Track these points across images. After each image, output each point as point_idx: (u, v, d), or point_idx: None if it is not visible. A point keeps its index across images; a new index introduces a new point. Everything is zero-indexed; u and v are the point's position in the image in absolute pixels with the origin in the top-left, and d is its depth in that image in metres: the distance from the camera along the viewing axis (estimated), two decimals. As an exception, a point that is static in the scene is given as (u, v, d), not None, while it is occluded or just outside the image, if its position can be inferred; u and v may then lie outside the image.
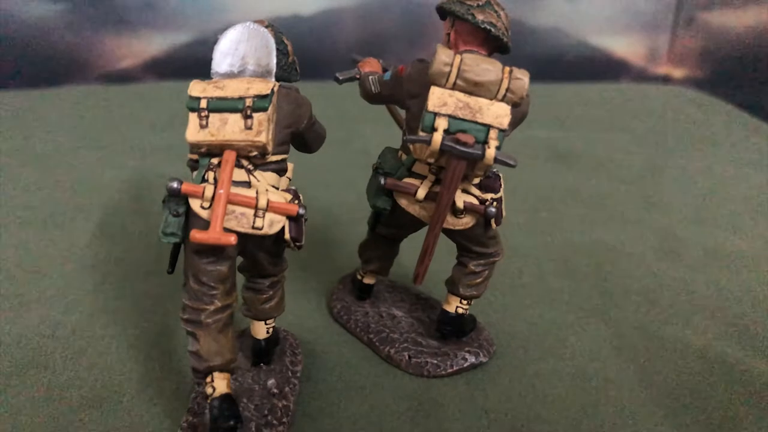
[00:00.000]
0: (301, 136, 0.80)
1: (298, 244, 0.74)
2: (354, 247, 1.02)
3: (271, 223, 0.72)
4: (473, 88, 0.74)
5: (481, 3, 0.78)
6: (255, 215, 0.71)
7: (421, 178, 0.82)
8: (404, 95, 0.81)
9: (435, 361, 0.90)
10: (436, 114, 0.73)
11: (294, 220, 0.73)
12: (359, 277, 1.02)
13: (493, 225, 0.85)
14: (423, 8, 2.62)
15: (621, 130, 2.13)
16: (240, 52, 0.74)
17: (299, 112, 0.78)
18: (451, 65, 0.73)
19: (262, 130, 0.70)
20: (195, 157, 0.74)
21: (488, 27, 0.77)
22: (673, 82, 2.77)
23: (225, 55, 0.74)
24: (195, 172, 0.75)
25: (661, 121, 2.28)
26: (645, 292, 1.13)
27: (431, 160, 0.76)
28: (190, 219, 0.72)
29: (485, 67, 0.74)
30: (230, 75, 0.74)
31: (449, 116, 0.73)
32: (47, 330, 0.96)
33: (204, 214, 0.70)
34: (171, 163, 1.64)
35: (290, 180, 0.79)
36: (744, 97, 2.43)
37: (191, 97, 0.70)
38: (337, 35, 2.56)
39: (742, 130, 2.19)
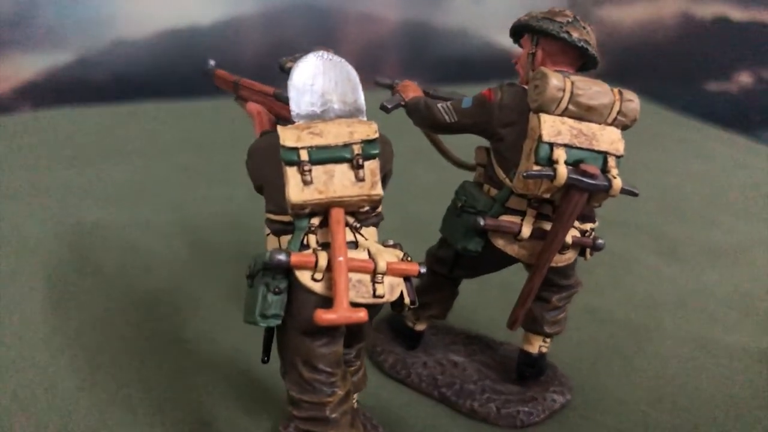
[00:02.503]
0: (384, 179, 0.69)
1: (413, 306, 0.64)
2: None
3: (392, 289, 0.61)
4: (584, 113, 0.67)
5: (570, 19, 0.72)
6: (373, 281, 0.59)
7: (519, 214, 0.73)
8: (495, 124, 0.72)
9: (526, 409, 0.82)
10: (552, 144, 0.66)
11: (408, 279, 0.63)
12: (410, 324, 0.91)
13: (588, 256, 0.78)
14: (327, 14, 2.51)
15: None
16: (317, 88, 0.61)
17: (387, 152, 0.67)
18: (563, 90, 0.66)
19: (376, 180, 0.59)
20: (287, 218, 0.61)
21: (584, 45, 0.70)
22: (570, 76, 2.88)
23: (301, 92, 0.61)
24: (288, 237, 0.61)
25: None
26: (669, 298, 1.13)
27: (547, 195, 0.68)
28: (293, 294, 0.59)
29: (597, 90, 0.67)
30: (313, 116, 0.61)
31: (566, 146, 0.66)
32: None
33: (317, 287, 0.58)
34: (95, 207, 1.40)
35: None
36: (639, 85, 2.56)
37: (287, 148, 0.57)
38: (241, 45, 2.38)
39: (661, 122, 2.28)
